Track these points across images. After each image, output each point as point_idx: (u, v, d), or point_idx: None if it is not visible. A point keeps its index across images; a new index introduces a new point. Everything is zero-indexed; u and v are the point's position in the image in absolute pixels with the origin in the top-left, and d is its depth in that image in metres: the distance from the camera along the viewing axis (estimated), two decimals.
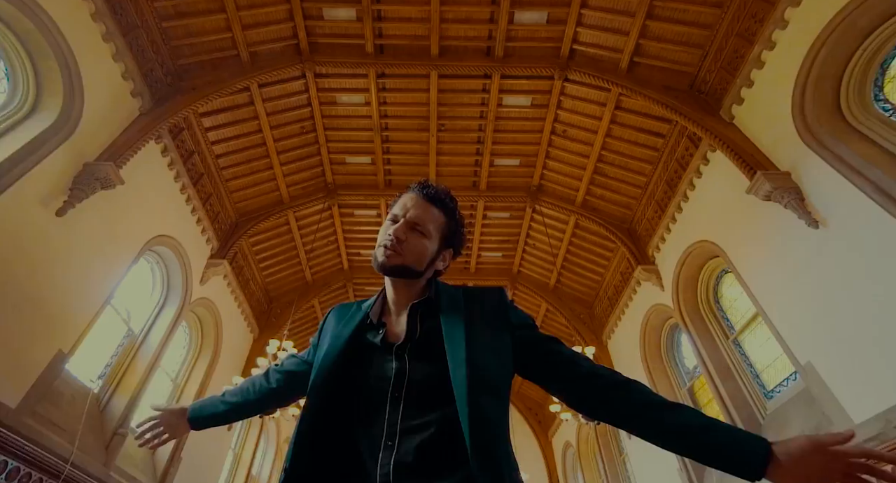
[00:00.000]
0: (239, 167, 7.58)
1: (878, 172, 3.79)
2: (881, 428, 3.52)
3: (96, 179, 4.76)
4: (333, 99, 7.29)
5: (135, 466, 5.78)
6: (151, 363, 6.07)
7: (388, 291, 1.15)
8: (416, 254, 1.09)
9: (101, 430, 5.28)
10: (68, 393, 4.79)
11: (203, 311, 7.65)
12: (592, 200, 8.08)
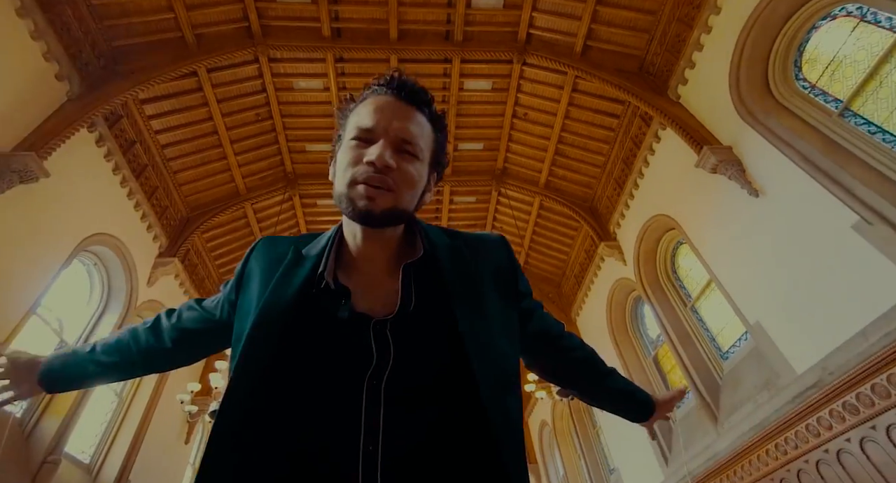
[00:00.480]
0: (188, 158, 7.19)
1: (803, 144, 4.29)
2: (819, 376, 4.07)
3: (13, 171, 4.32)
4: (290, 84, 7.03)
5: None
6: None
7: (351, 241, 0.85)
8: (411, 188, 0.80)
9: (26, 458, 4.80)
10: None
11: (151, 315, 7.29)
12: (555, 181, 8.45)
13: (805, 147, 4.26)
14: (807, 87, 4.65)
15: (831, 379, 3.81)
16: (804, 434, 4.07)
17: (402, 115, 0.81)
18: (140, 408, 6.77)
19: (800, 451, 4.11)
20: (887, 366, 3.41)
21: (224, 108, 6.95)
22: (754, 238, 4.78)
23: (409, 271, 0.81)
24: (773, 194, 4.58)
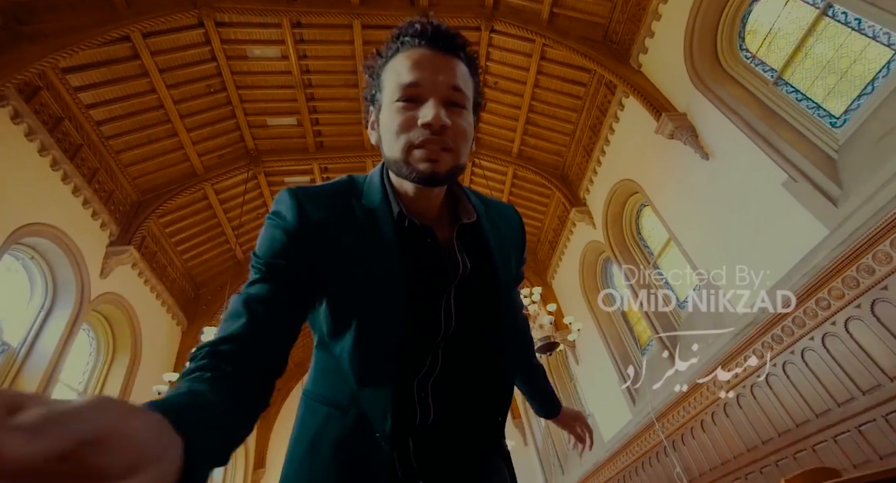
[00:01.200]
0: (131, 135, 7.03)
1: (745, 110, 5.13)
2: (754, 317, 5.17)
3: None
4: (243, 52, 7.00)
5: None
6: (46, 378, 5.70)
7: (407, 194, 0.88)
8: (465, 141, 0.81)
9: None
10: None
11: (110, 309, 7.23)
12: (527, 150, 9.09)
13: (746, 113, 5.12)
14: (748, 56, 5.49)
15: (765, 315, 4.80)
16: (743, 363, 5.12)
17: (446, 68, 0.80)
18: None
19: (740, 378, 5.18)
20: (805, 300, 4.40)
21: (168, 78, 6.73)
22: (705, 197, 5.71)
23: (463, 234, 0.90)
24: (721, 157, 5.47)
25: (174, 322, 8.97)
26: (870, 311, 3.89)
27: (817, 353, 4.38)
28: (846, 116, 4.49)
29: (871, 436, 3.84)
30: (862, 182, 4.04)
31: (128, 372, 7.34)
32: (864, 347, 3.97)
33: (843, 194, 4.20)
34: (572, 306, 9.35)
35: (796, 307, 4.44)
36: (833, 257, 4.13)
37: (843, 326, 4.13)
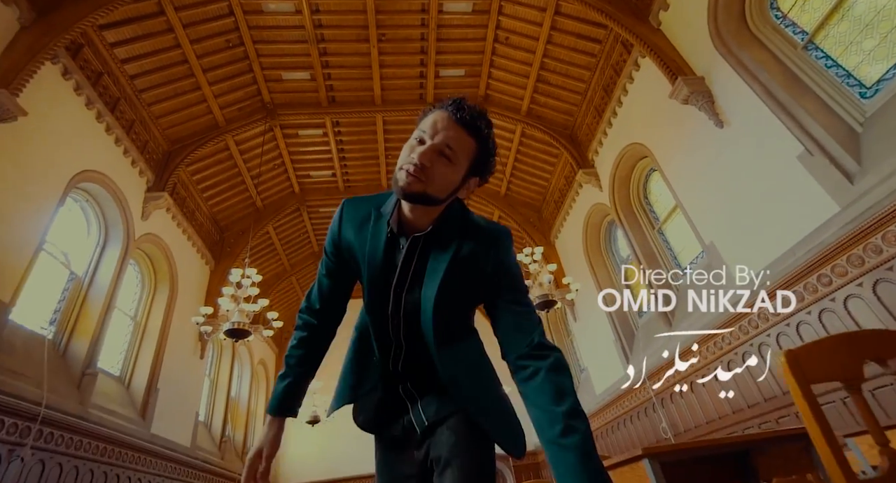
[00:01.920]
0: (161, 89, 7.03)
1: (767, 76, 4.60)
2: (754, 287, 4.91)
3: None
4: (259, 7, 6.72)
5: (113, 402, 6.11)
6: (106, 304, 6.09)
7: (405, 208, 1.11)
8: (441, 183, 1.02)
9: (67, 373, 5.43)
10: (20, 342, 4.83)
11: (151, 248, 7.54)
12: (537, 108, 8.56)
13: (768, 79, 4.57)
14: (779, 16, 4.83)
15: (766, 287, 4.53)
16: (737, 333, 4.92)
17: (450, 131, 1.01)
18: (156, 328, 7.41)
19: (732, 345, 5.00)
20: (807, 275, 4.11)
21: (191, 33, 6.68)
22: (716, 166, 5.26)
23: (418, 239, 1.11)
24: (736, 125, 4.97)
25: (203, 261, 9.22)
26: (871, 290, 3.60)
27: (812, 327, 4.15)
28: (878, 86, 3.95)
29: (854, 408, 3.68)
30: (884, 158, 3.60)
31: (168, 303, 7.74)
32: (861, 325, 3.72)
33: (861, 170, 3.77)
34: (574, 266, 9.13)
35: (797, 281, 4.16)
36: (840, 234, 3.79)
37: (843, 303, 3.86)
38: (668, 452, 1.41)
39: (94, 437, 5.40)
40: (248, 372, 11.54)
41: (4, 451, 4.22)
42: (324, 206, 10.83)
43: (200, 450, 8.22)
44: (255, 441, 1.19)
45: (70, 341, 5.74)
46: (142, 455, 6.33)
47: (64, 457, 4.91)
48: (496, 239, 1.16)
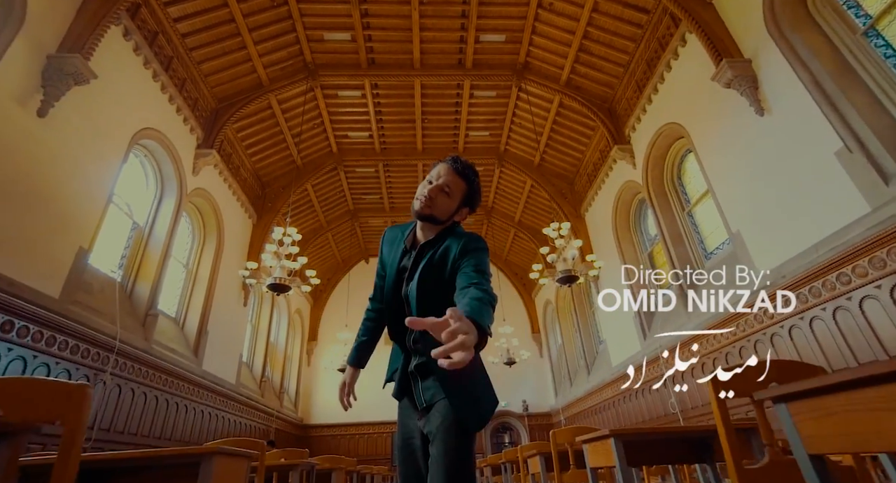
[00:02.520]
0: (210, 47, 7.34)
1: (818, 64, 4.45)
2: (773, 278, 4.93)
3: (68, 75, 4.78)
4: None
5: (171, 340, 6.89)
6: (163, 252, 6.76)
7: (418, 228, 1.58)
8: (442, 209, 1.50)
9: (133, 312, 6.19)
10: (97, 283, 5.51)
11: (201, 201, 8.14)
12: (576, 79, 8.40)
13: (818, 68, 4.42)
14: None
15: (783, 281, 4.63)
16: (752, 321, 5.07)
17: (448, 176, 1.51)
18: (205, 275, 8.17)
19: (744, 334, 5.17)
20: (827, 273, 4.18)
21: None
22: (751, 154, 5.19)
23: (425, 246, 1.55)
24: (777, 114, 4.86)
25: (246, 215, 9.86)
26: (889, 294, 3.67)
27: (825, 322, 4.27)
28: None
29: None
30: None
31: (215, 253, 8.45)
32: (873, 326, 3.83)
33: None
34: (602, 240, 9.24)
35: (816, 278, 4.24)
36: (867, 235, 3.81)
37: (858, 303, 3.95)
38: (630, 434, 1.73)
39: (157, 369, 6.23)
40: (285, 320, 12.49)
41: (91, 375, 5.01)
42: (360, 166, 11.18)
43: (243, 387, 9.20)
44: (342, 379, 1.78)
45: (135, 285, 6.49)
46: (195, 387, 7.22)
47: (134, 384, 5.75)
48: (465, 237, 1.50)
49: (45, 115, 4.68)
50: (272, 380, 11.35)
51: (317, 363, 13.80)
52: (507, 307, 13.79)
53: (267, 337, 11.04)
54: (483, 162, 10.95)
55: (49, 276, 4.70)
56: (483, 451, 12.61)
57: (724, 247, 6.18)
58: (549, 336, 13.58)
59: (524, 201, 11.93)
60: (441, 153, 10.59)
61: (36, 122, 4.61)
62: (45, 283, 4.62)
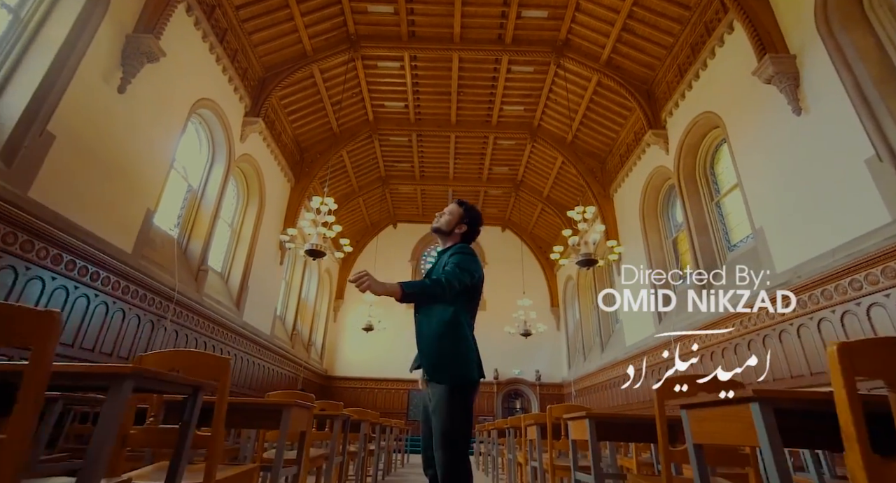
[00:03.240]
0: (260, 19, 7.67)
1: (862, 68, 4.44)
2: (789, 277, 5.11)
3: (142, 53, 5.27)
4: None
5: (218, 293, 7.64)
6: (213, 213, 7.39)
7: (440, 241, 2.27)
8: (445, 224, 2.17)
9: (188, 267, 6.88)
10: (159, 240, 6.17)
11: (246, 166, 8.70)
12: (617, 59, 8.32)
13: (862, 72, 4.42)
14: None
15: (798, 281, 4.84)
16: (764, 316, 5.32)
17: (449, 205, 2.27)
18: (247, 235, 8.85)
19: (755, 327, 5.43)
20: (840, 277, 4.38)
21: None
22: (783, 153, 5.27)
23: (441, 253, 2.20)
24: (814, 115, 4.89)
25: (285, 179, 10.43)
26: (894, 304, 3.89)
27: (832, 324, 4.50)
28: None
29: None
30: None
31: (257, 215, 9.09)
32: (877, 332, 4.05)
33: None
34: (628, 222, 9.40)
35: (830, 281, 4.45)
36: (884, 245, 3.98)
37: (866, 310, 4.17)
38: (600, 416, 2.16)
39: (207, 318, 6.98)
40: (315, 279, 13.28)
41: (155, 320, 5.75)
42: (394, 135, 11.47)
43: (277, 338, 10.05)
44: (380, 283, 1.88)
45: (189, 242, 7.17)
46: (236, 336, 8.01)
47: (188, 330, 6.50)
48: (457, 246, 2.14)
49: (124, 92, 5.20)
50: (301, 333, 12.25)
51: (342, 320, 14.70)
52: (528, 280, 14.21)
53: (299, 293, 11.84)
54: (516, 136, 11.08)
55: (124, 234, 5.35)
56: (494, 413, 13.40)
57: (748, 241, 6.33)
58: (568, 311, 13.99)
59: (554, 177, 12.05)
60: (474, 126, 10.78)
61: (116, 97, 5.14)
62: (121, 240, 5.27)
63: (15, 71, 4.50)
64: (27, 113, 4.32)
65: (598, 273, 11.07)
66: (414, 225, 15.77)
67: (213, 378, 1.44)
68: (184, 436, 1.28)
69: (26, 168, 4.25)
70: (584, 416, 2.18)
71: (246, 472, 1.62)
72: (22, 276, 4.07)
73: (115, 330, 5.12)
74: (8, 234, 3.97)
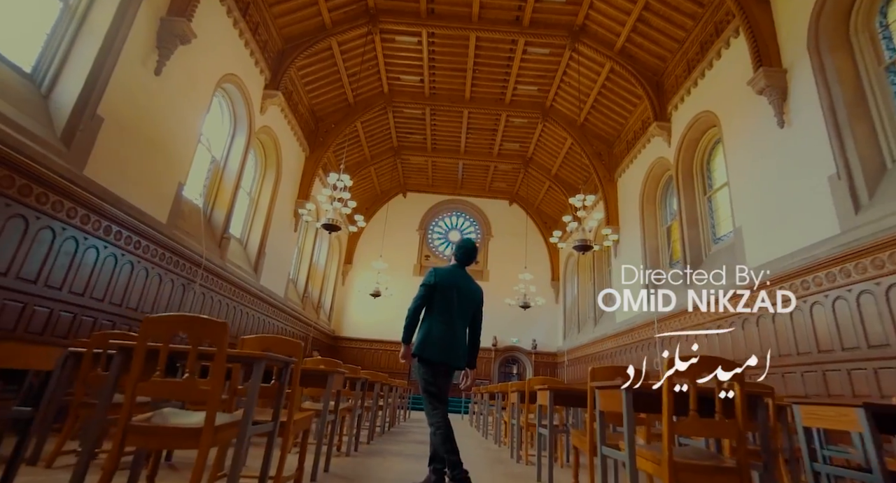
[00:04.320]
0: None
1: (838, 90, 4.90)
2: (760, 275, 5.91)
3: (175, 36, 5.85)
4: None
5: (239, 259, 8.52)
6: (235, 183, 8.15)
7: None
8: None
9: (212, 235, 7.68)
10: (187, 210, 6.91)
11: (265, 138, 9.38)
12: (631, 48, 8.73)
13: (838, 94, 4.97)
14: (882, 25, 4.96)
15: (765, 277, 5.59)
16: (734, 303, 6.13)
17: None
18: (265, 204, 9.67)
19: (730, 314, 6.26)
20: (796, 277, 5.13)
21: None
22: (766, 161, 5.88)
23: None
24: (795, 129, 5.48)
25: (300, 149, 11.13)
26: (831, 303, 4.66)
27: (783, 318, 5.31)
28: None
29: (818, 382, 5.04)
30: (888, 200, 4.32)
31: (274, 184, 9.87)
32: (815, 326, 4.85)
33: (870, 205, 4.49)
34: (628, 207, 10.06)
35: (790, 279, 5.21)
36: (831, 254, 4.69)
37: (809, 309, 4.95)
38: (558, 389, 3.01)
39: (230, 282, 7.91)
40: (326, 244, 14.18)
41: (186, 284, 6.67)
42: (408, 107, 11.98)
43: (290, 300, 11.06)
44: (402, 351, 2.88)
45: (213, 211, 7.99)
46: (255, 299, 8.98)
47: (215, 293, 7.45)
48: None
49: (160, 74, 5.84)
50: (311, 295, 13.28)
51: (350, 283, 15.73)
52: (531, 254, 15.07)
53: (310, 258, 12.77)
54: (528, 115, 11.56)
55: (160, 206, 6.16)
56: (490, 378, 14.63)
57: (728, 237, 7.04)
58: (568, 285, 14.87)
59: (563, 157, 12.60)
60: (488, 103, 11.27)
61: (153, 79, 5.80)
62: (158, 211, 6.10)
63: (68, 57, 5.14)
64: (81, 98, 5.00)
65: (598, 253, 11.83)
66: (423, 195, 16.48)
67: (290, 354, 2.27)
68: (280, 391, 2.11)
69: (82, 149, 4.98)
70: (546, 388, 3.02)
71: (308, 416, 2.48)
72: (81, 246, 4.90)
73: (152, 292, 6.02)
74: (70, 209, 4.76)
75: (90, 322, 4.98)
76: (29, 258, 4.19)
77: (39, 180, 4.26)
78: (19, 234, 4.10)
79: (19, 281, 4.12)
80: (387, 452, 4.23)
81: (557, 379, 3.97)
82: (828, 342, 4.67)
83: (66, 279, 4.62)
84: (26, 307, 4.21)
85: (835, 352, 4.59)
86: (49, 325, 4.46)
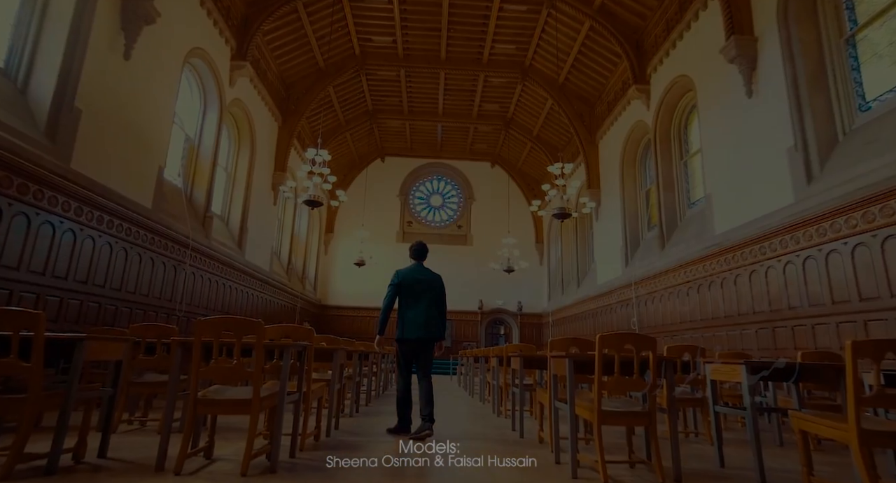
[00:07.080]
0: None
1: (801, 63, 5.42)
2: (721, 239, 6.65)
3: (139, 18, 6.06)
4: None
5: (223, 236, 8.96)
6: (212, 160, 8.51)
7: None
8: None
9: (195, 215, 8.10)
10: (169, 192, 7.28)
11: (237, 111, 9.61)
12: (610, 5, 8.90)
13: (801, 66, 5.52)
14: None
15: (728, 242, 6.37)
16: (704, 269, 6.94)
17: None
18: (242, 178, 10.04)
19: (697, 277, 7.08)
20: (756, 243, 5.90)
21: None
22: (734, 130, 6.50)
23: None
24: (760, 100, 6.07)
25: (272, 119, 11.36)
26: (782, 269, 5.46)
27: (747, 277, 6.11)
28: (873, 103, 5.05)
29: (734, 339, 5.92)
30: (836, 172, 5.00)
31: (250, 158, 10.22)
32: (770, 289, 5.67)
33: (820, 176, 5.19)
34: (608, 170, 10.70)
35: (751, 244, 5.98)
36: (784, 222, 5.42)
37: (764, 271, 5.75)
38: (527, 356, 3.74)
39: (216, 260, 8.44)
40: (306, 215, 14.63)
41: (177, 265, 7.21)
42: (382, 69, 12.17)
43: (275, 273, 11.64)
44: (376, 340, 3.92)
45: (193, 191, 8.39)
46: (241, 274, 9.55)
47: (205, 272, 8.00)
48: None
49: (129, 58, 6.10)
50: (296, 266, 13.88)
51: (333, 252, 16.32)
52: (515, 216, 15.78)
53: (292, 230, 13.27)
54: (507, 75, 11.88)
55: (143, 191, 6.58)
56: (478, 340, 15.68)
57: (700, 203, 7.77)
58: (551, 247, 15.71)
59: (543, 117, 13.04)
60: (465, 63, 11.55)
61: (122, 64, 6.06)
62: (142, 197, 6.52)
63: (37, 48, 5.35)
64: (57, 91, 5.27)
65: (581, 221, 12.57)
66: (402, 158, 16.84)
67: (305, 339, 2.91)
68: (301, 369, 2.77)
69: (66, 143, 5.31)
70: (519, 355, 3.74)
71: (321, 386, 3.17)
72: (79, 236, 5.37)
73: (147, 275, 6.53)
74: (65, 203, 5.20)
75: (95, 307, 5.55)
76: (35, 252, 4.69)
77: (34, 178, 4.68)
78: (23, 232, 4.57)
79: (30, 274, 4.64)
80: (382, 412, 5.01)
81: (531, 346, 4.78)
82: (779, 302, 5.51)
83: (69, 269, 5.14)
84: (39, 297, 4.75)
85: (783, 311, 5.43)
86: (60, 313, 5.03)
